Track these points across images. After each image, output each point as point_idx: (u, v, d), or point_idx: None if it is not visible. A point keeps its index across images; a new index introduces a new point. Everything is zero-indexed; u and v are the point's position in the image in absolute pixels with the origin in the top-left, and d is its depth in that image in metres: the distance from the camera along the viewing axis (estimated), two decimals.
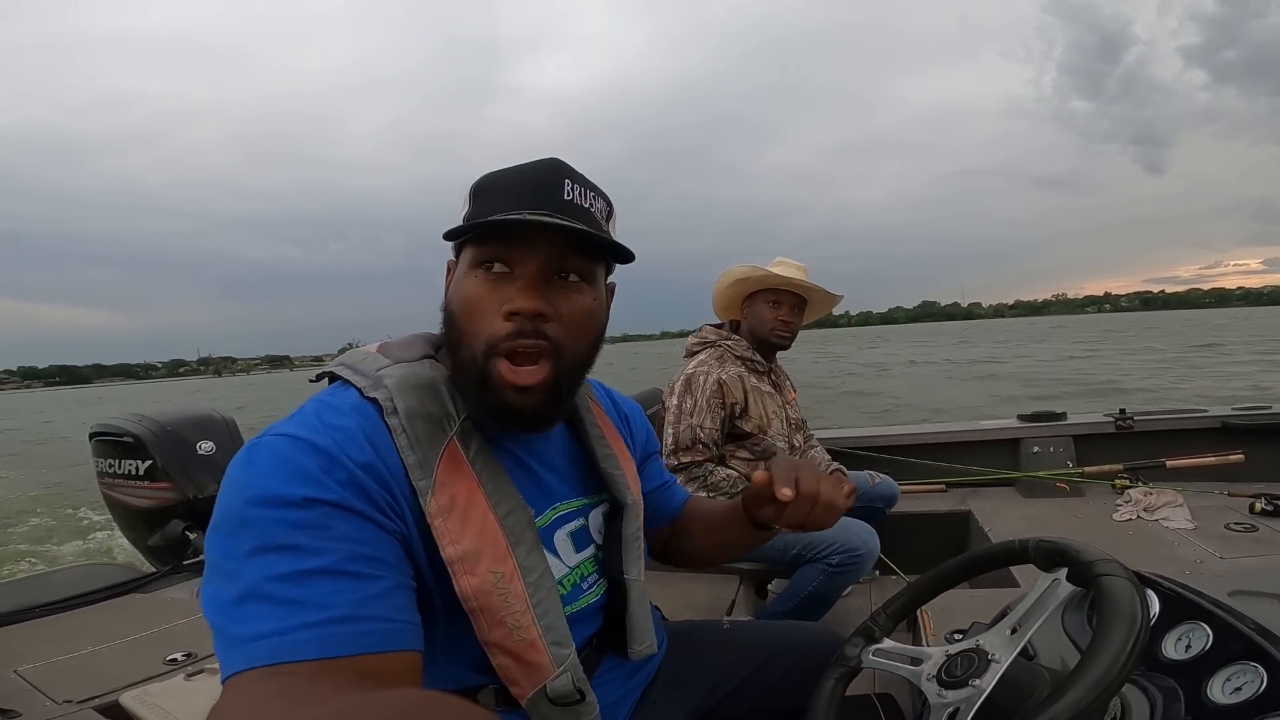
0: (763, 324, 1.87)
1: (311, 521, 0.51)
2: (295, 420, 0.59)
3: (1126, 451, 2.51)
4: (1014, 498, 2.45)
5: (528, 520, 0.65)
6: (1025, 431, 2.64)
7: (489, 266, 0.63)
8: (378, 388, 0.63)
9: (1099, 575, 0.62)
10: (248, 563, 0.50)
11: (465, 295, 0.64)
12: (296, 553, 0.50)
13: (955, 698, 0.63)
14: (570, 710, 0.65)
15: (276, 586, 0.48)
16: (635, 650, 0.76)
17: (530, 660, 0.62)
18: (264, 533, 0.50)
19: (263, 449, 0.56)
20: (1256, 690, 0.61)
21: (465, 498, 0.61)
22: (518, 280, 0.62)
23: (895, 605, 0.85)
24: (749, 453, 1.80)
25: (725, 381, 1.75)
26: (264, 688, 0.44)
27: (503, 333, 0.61)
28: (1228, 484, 2.23)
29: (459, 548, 0.60)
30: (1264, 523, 1.91)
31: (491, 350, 0.62)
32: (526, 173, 0.64)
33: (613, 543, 0.77)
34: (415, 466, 0.60)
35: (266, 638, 0.47)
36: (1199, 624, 0.72)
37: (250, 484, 0.53)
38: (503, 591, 0.61)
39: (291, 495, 0.52)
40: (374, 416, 0.61)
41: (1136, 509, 2.11)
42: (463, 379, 0.65)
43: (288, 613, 0.48)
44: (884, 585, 2.11)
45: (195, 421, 2.48)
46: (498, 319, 0.62)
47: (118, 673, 1.32)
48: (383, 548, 0.55)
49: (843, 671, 0.81)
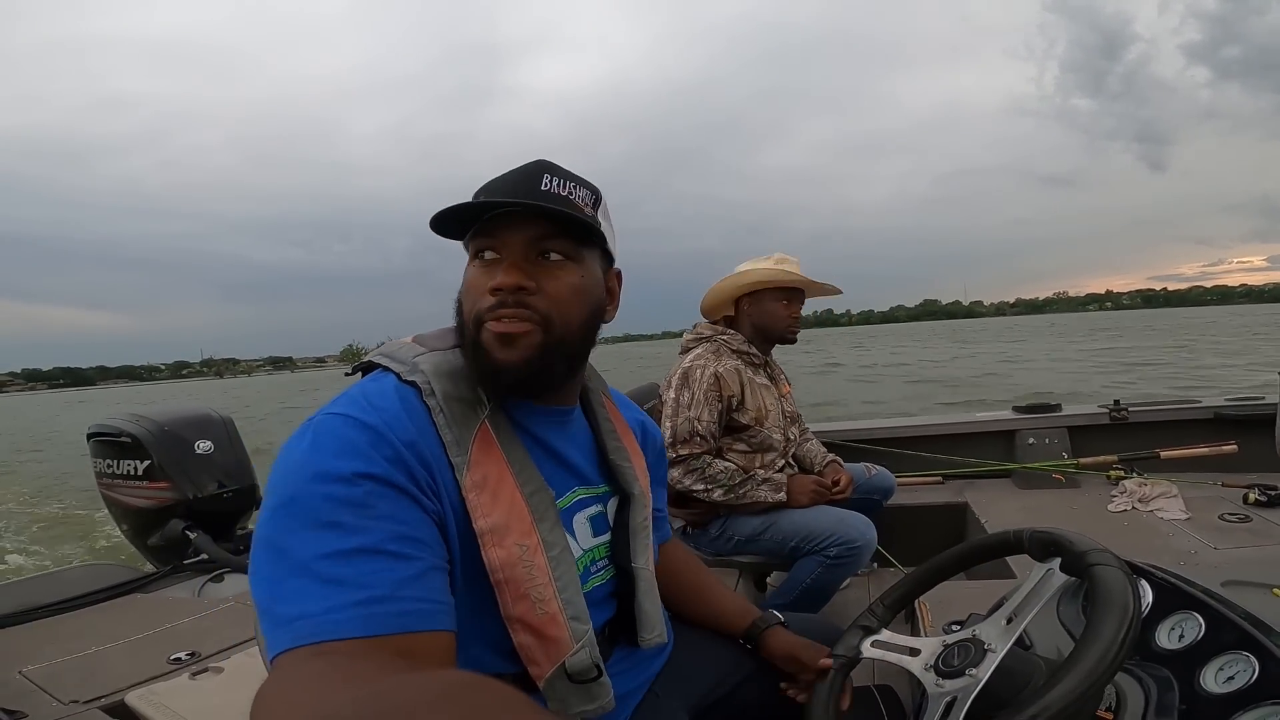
0: (776, 320, 1.88)
1: (358, 499, 0.54)
2: (344, 400, 0.63)
3: (1121, 443, 2.53)
4: (1010, 489, 2.47)
5: (550, 500, 0.69)
6: (1021, 423, 2.65)
7: (481, 255, 0.69)
8: (415, 372, 0.67)
9: (1091, 565, 0.63)
10: (294, 539, 0.52)
11: (465, 282, 0.71)
12: (341, 530, 0.52)
13: (953, 687, 0.64)
14: (586, 690, 0.67)
15: (321, 565, 0.51)
16: (645, 639, 0.78)
17: (551, 635, 0.65)
18: (311, 509, 0.53)
19: (315, 427, 0.59)
20: (1249, 679, 0.63)
21: (496, 476, 0.65)
22: (504, 262, 0.68)
23: (893, 597, 0.86)
24: (746, 445, 1.81)
25: (722, 375, 1.75)
26: (310, 666, 0.46)
27: (486, 305, 0.67)
28: (1221, 474, 2.25)
29: (489, 520, 0.63)
30: (1257, 513, 1.93)
31: (479, 321, 0.67)
32: (515, 173, 0.70)
33: (621, 531, 0.79)
34: (452, 444, 0.64)
35: (311, 617, 0.49)
36: (1192, 614, 0.73)
37: (302, 460, 0.56)
38: (527, 564, 0.64)
39: (341, 470, 0.55)
40: (413, 398, 0.65)
41: (1131, 500, 2.13)
42: (467, 357, 0.70)
43: (331, 591, 0.50)
44: (881, 577, 2.13)
45: (193, 421, 2.48)
46: (485, 296, 0.67)
47: (122, 672, 1.33)
48: (422, 528, 0.58)
49: (843, 661, 0.82)
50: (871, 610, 0.85)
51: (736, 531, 1.78)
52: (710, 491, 1.73)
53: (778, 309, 1.87)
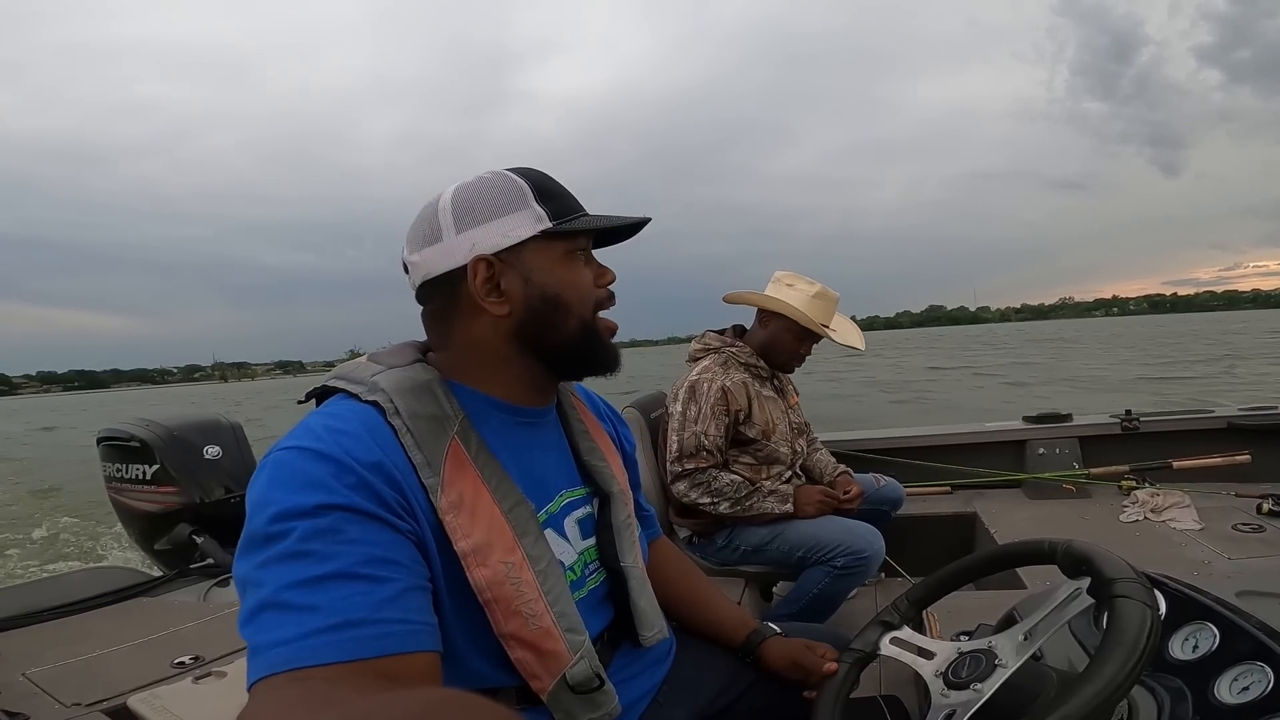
0: (783, 350, 1.86)
1: (325, 528, 0.53)
2: (298, 433, 0.61)
3: (1133, 452, 2.50)
4: (1020, 499, 2.44)
5: (530, 513, 0.68)
6: (1031, 433, 2.63)
7: (583, 253, 0.73)
8: (374, 392, 0.65)
9: (1116, 596, 0.60)
10: (266, 574, 0.51)
11: (566, 278, 0.72)
12: (310, 559, 0.51)
13: (955, 699, 0.63)
14: (590, 699, 0.66)
15: (293, 594, 0.50)
16: (646, 637, 0.77)
17: (547, 649, 0.64)
18: (280, 544, 0.52)
19: (271, 465, 0.58)
20: (1264, 690, 0.61)
21: (472, 494, 0.64)
22: (592, 261, 0.75)
23: (919, 593, 0.84)
24: (752, 457, 1.80)
25: (729, 388, 1.74)
26: (287, 693, 0.45)
27: (604, 295, 0.75)
28: (1235, 484, 2.22)
29: (470, 541, 0.62)
30: (1271, 523, 1.90)
31: (598, 308, 0.74)
32: (556, 181, 0.74)
33: (605, 531, 0.79)
34: (423, 465, 0.62)
35: (286, 644, 0.48)
36: (1206, 624, 0.72)
37: (262, 500, 0.55)
38: (515, 580, 0.63)
39: (304, 504, 0.53)
40: (376, 419, 0.63)
41: (1143, 510, 2.10)
42: (563, 349, 0.73)
43: (305, 619, 0.49)
44: (889, 587, 2.11)
45: (202, 426, 2.49)
46: (597, 289, 0.74)
47: (125, 676, 1.33)
48: (396, 549, 0.56)
49: (858, 656, 0.80)
50: (895, 606, 0.83)
51: (743, 541, 1.77)
52: (717, 505, 1.71)
53: (789, 341, 1.84)
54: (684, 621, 0.97)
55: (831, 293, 1.85)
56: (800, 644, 0.88)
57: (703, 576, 1.02)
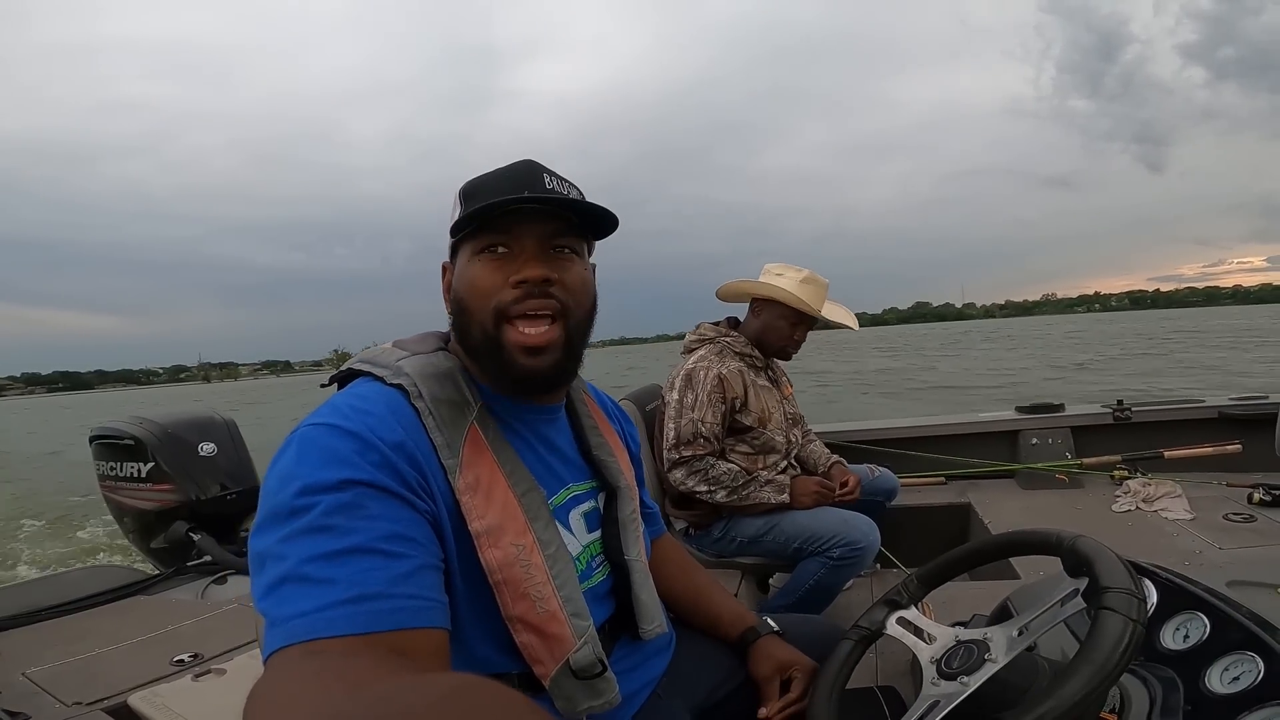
0: (776, 336, 1.87)
1: (347, 503, 0.54)
2: (326, 410, 0.62)
3: (1125, 443, 2.52)
4: (1013, 489, 2.46)
5: (542, 499, 0.69)
6: (1024, 423, 2.65)
7: (492, 250, 0.69)
8: (399, 375, 0.67)
9: (1103, 607, 0.59)
10: (289, 547, 0.52)
11: (472, 279, 0.69)
12: (332, 533, 0.52)
13: (942, 690, 0.64)
14: (591, 685, 0.67)
15: (312, 567, 0.51)
16: (646, 630, 0.78)
17: (552, 633, 0.65)
18: (304, 517, 0.53)
19: (298, 441, 0.59)
20: (1254, 680, 0.62)
21: (488, 477, 0.66)
22: (519, 256, 0.68)
23: (928, 572, 0.83)
24: (749, 446, 1.81)
25: (725, 376, 1.75)
26: (303, 665, 0.46)
27: (510, 298, 0.67)
28: (1226, 474, 2.24)
29: (484, 522, 0.64)
30: (1262, 513, 1.93)
31: (501, 316, 0.68)
32: (508, 171, 0.70)
33: (610, 525, 0.79)
34: (443, 446, 0.64)
35: (304, 616, 0.49)
36: (1197, 614, 0.73)
37: (289, 474, 0.56)
38: (524, 563, 0.64)
39: (328, 479, 0.55)
40: (400, 401, 0.65)
41: (1135, 500, 2.12)
42: (477, 356, 0.70)
43: (323, 591, 0.50)
44: (885, 578, 2.12)
45: (196, 423, 2.48)
46: (506, 289, 0.67)
47: (125, 674, 1.33)
48: (414, 527, 0.58)
49: (864, 634, 0.80)
50: (905, 585, 0.82)
51: (739, 533, 1.78)
52: (714, 493, 1.72)
53: (782, 326, 1.86)
54: (684, 616, 0.97)
55: (821, 278, 1.86)
56: (793, 655, 0.88)
57: (704, 572, 1.03)
